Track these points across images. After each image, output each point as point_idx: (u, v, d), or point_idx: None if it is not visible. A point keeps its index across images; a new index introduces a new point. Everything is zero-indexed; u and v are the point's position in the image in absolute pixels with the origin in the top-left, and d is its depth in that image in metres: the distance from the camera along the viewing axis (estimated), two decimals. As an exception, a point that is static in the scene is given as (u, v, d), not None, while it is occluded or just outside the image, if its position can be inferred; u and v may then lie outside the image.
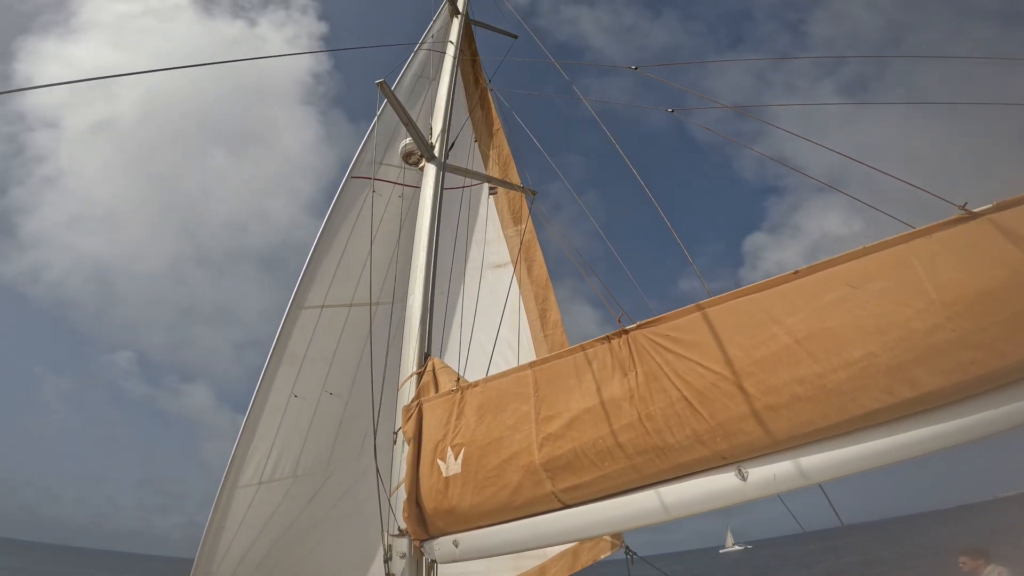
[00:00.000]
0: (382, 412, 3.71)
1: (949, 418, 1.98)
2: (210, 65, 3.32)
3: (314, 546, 5.05)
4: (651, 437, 2.42)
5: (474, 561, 3.00)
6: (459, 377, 3.49)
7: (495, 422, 2.96)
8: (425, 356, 3.86)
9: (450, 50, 6.30)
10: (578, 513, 2.60)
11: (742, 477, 2.25)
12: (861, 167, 3.17)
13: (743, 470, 2.26)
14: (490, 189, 7.08)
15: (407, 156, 5.26)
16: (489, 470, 2.83)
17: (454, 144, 5.67)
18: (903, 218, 2.39)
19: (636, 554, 5.33)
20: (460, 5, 7.02)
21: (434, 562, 3.09)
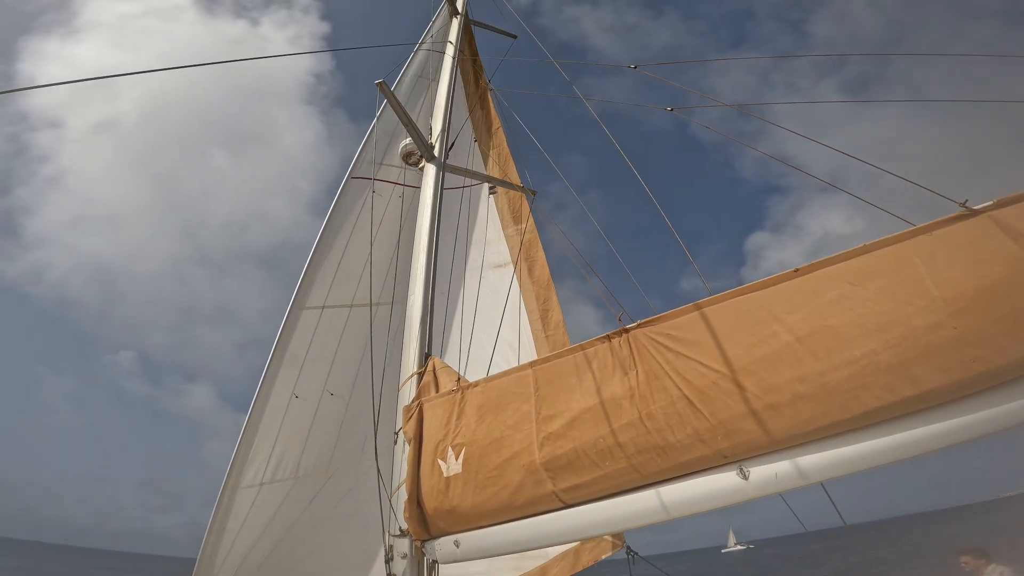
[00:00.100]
0: (383, 412, 3.70)
1: (951, 416, 1.97)
2: (212, 65, 3.34)
3: (316, 547, 5.05)
4: (652, 436, 2.41)
5: (475, 561, 2.99)
6: (460, 377, 3.49)
7: (496, 422, 2.95)
8: (426, 356, 3.86)
9: (449, 50, 6.31)
10: (579, 513, 2.59)
11: (744, 476, 2.24)
12: (863, 166, 3.16)
13: (745, 469, 2.24)
14: (490, 189, 7.07)
15: (407, 156, 5.26)
16: (490, 470, 2.83)
17: (454, 144, 5.67)
18: (905, 217, 2.38)
19: (637, 554, 5.32)
20: (459, 5, 7.02)
21: (435, 562, 3.08)
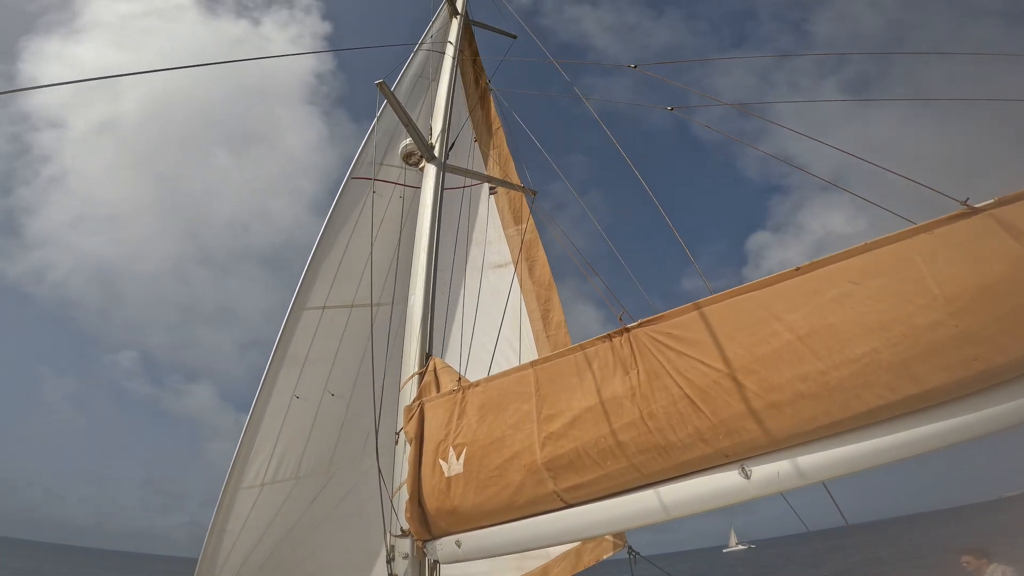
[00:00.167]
0: (384, 413, 3.70)
1: (952, 415, 1.97)
2: (213, 65, 3.34)
3: (317, 547, 5.05)
4: (653, 435, 2.40)
5: (477, 561, 2.99)
6: (460, 377, 3.48)
7: (497, 421, 2.95)
8: (426, 356, 3.86)
9: (449, 50, 6.31)
10: (581, 512, 2.59)
11: (745, 475, 2.23)
12: (865, 166, 3.16)
13: (746, 468, 2.24)
14: (490, 189, 7.07)
15: (407, 157, 5.26)
16: (491, 470, 2.82)
17: (454, 144, 5.67)
18: (906, 216, 2.37)
19: (639, 554, 5.32)
20: (459, 6, 7.02)
21: (437, 562, 3.08)
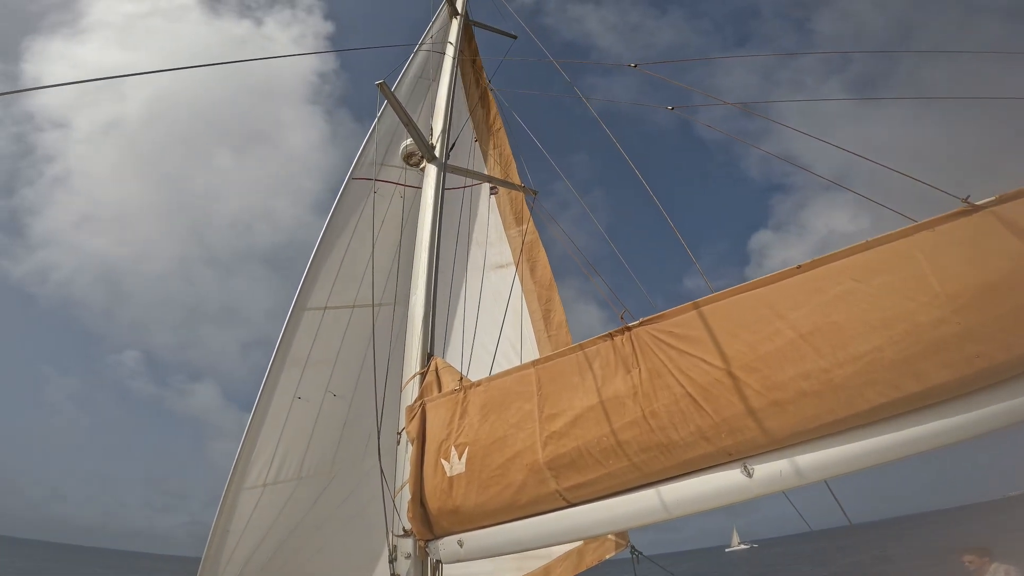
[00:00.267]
0: (385, 413, 3.70)
1: (955, 413, 1.96)
2: (217, 65, 3.34)
3: (319, 548, 5.05)
4: (655, 434, 2.40)
5: (478, 561, 2.99)
6: (462, 377, 3.48)
7: (498, 421, 2.95)
8: (428, 356, 3.86)
9: (449, 51, 6.31)
10: (583, 512, 2.58)
11: (748, 474, 2.23)
12: (868, 165, 3.15)
13: (749, 467, 2.23)
14: (491, 189, 7.07)
15: (408, 157, 5.27)
16: (493, 469, 2.82)
17: (455, 145, 5.67)
18: (909, 214, 2.36)
19: (642, 553, 5.31)
20: (459, 6, 7.03)
21: (439, 562, 3.08)
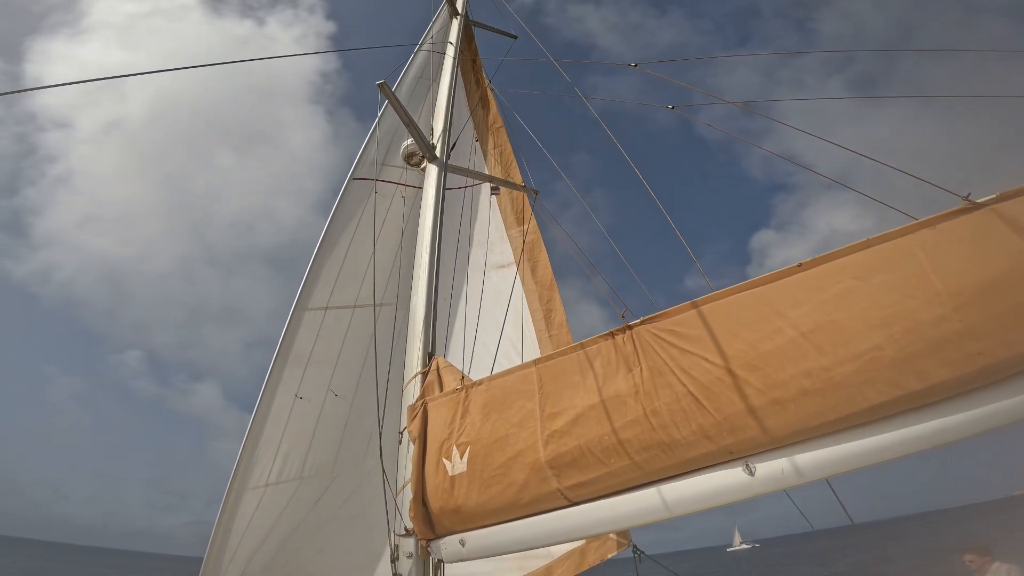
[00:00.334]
0: (387, 412, 3.70)
1: (957, 411, 1.96)
2: (219, 65, 3.35)
3: (321, 547, 5.06)
4: (657, 433, 2.40)
5: (480, 561, 2.99)
6: (464, 376, 3.49)
7: (500, 420, 2.95)
8: (429, 356, 3.87)
9: (450, 51, 6.32)
10: (584, 511, 2.58)
11: (750, 472, 2.23)
12: (870, 164, 3.15)
13: (751, 465, 2.23)
14: (492, 189, 7.08)
15: (409, 157, 5.27)
16: (495, 468, 2.83)
17: (456, 144, 5.68)
18: (911, 213, 2.36)
19: (644, 552, 5.31)
20: (459, 6, 7.04)
21: (441, 561, 3.08)
